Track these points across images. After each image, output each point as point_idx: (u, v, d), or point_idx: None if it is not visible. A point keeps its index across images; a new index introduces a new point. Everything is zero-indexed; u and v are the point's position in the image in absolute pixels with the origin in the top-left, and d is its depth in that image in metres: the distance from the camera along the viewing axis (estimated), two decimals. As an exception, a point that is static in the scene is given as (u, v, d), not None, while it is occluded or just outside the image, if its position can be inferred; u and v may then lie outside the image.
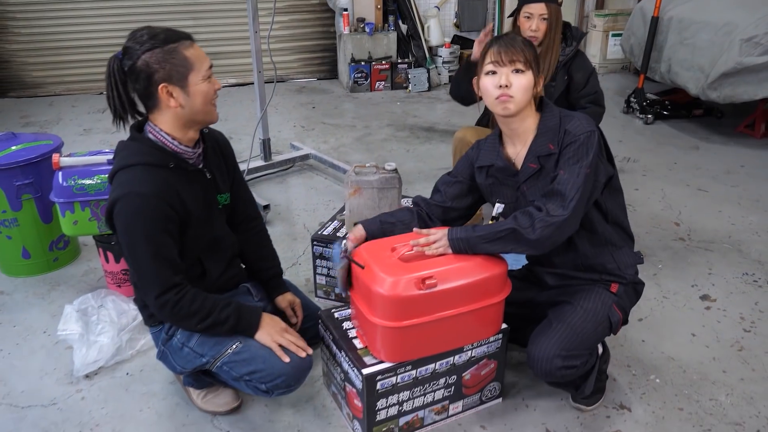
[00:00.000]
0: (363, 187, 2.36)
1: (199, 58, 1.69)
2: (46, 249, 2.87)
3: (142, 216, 1.65)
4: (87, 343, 2.24)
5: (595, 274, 1.92)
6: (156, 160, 1.71)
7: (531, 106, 1.81)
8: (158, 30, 1.66)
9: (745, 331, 2.43)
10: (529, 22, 2.72)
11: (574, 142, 1.73)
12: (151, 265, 1.67)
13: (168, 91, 1.66)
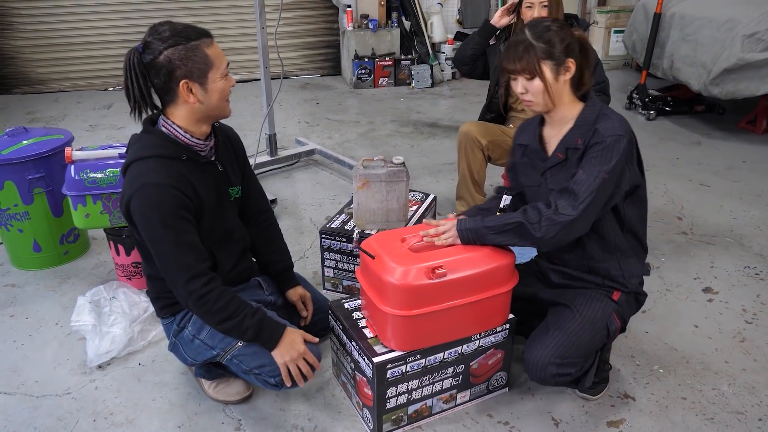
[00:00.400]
0: (371, 181, 2.39)
1: (219, 56, 1.73)
2: (56, 242, 2.91)
3: (159, 205, 1.67)
4: (100, 334, 2.28)
5: (598, 278, 1.92)
6: (169, 152, 1.74)
7: (567, 97, 1.80)
8: (180, 26, 1.69)
9: (747, 323, 2.46)
10: (531, 11, 2.80)
11: (600, 143, 1.71)
12: (175, 253, 1.68)
13: (188, 87, 1.70)
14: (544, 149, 1.89)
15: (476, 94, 5.89)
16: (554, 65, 1.74)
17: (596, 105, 1.80)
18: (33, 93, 6.15)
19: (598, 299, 1.89)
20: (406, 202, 2.46)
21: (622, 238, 1.87)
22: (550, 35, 1.73)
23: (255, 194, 2.12)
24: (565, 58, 1.74)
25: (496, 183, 3.65)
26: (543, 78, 1.73)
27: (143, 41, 1.68)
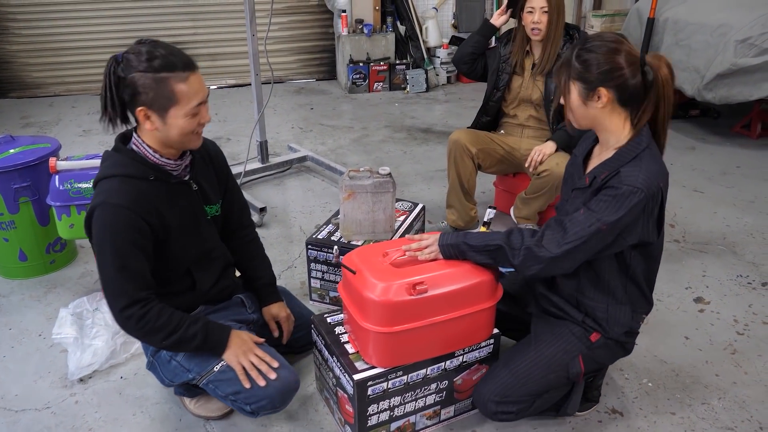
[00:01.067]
0: (357, 192, 2.36)
1: (188, 94, 1.63)
2: (42, 251, 2.89)
3: (113, 227, 1.63)
4: (81, 346, 2.25)
5: (580, 315, 1.81)
6: (135, 172, 1.70)
7: (611, 122, 1.65)
8: (159, 52, 1.61)
9: (739, 334, 2.44)
10: (531, 15, 2.79)
11: (614, 188, 1.58)
12: (117, 278, 1.64)
13: (146, 114, 1.64)
14: (585, 166, 1.79)
15: (471, 99, 5.86)
16: (584, 90, 1.62)
17: (642, 143, 1.62)
18: (28, 97, 6.14)
19: (567, 339, 1.80)
20: (393, 212, 2.44)
21: (619, 283, 1.75)
22: (589, 57, 1.59)
23: (237, 209, 2.09)
24: (598, 86, 1.59)
25: (487, 190, 3.63)
26: (568, 99, 1.66)
27: (123, 55, 1.64)
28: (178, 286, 1.86)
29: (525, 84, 2.94)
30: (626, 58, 1.58)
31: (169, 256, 1.78)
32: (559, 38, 2.84)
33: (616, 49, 1.57)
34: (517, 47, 2.93)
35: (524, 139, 3.03)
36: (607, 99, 1.60)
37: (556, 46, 2.84)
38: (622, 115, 1.65)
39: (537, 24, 2.78)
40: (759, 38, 4.01)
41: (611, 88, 1.59)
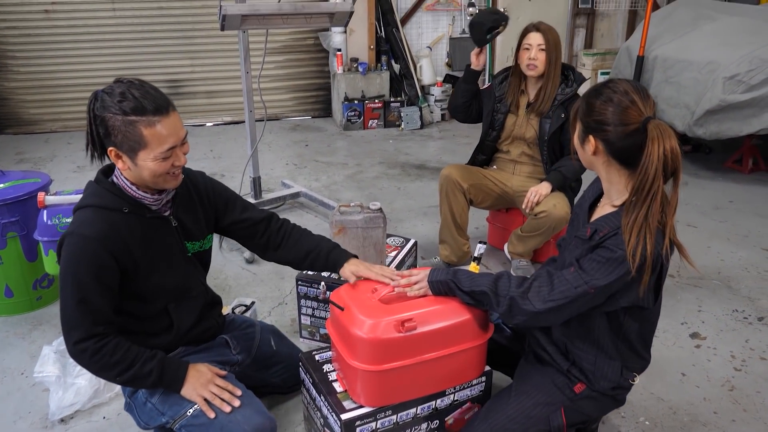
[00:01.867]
0: (347, 227, 2.35)
1: (158, 139, 1.59)
2: (29, 287, 2.85)
3: (77, 258, 1.60)
4: (64, 385, 2.19)
5: (566, 363, 1.72)
6: (110, 204, 1.67)
7: (608, 172, 1.60)
8: (131, 93, 1.58)
9: (736, 370, 2.40)
10: (528, 52, 2.81)
11: (610, 251, 1.50)
12: (75, 310, 1.61)
13: (116, 154, 1.63)
14: (590, 212, 1.73)
15: (465, 135, 5.90)
16: (582, 132, 1.59)
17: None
18: (24, 133, 6.17)
19: (548, 390, 1.71)
20: (384, 248, 2.42)
21: (609, 341, 1.66)
22: (591, 101, 1.54)
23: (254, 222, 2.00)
24: (589, 132, 1.55)
25: (481, 226, 3.62)
26: (572, 134, 1.65)
27: (101, 91, 1.62)
28: (155, 325, 1.81)
29: (519, 122, 2.95)
30: (623, 114, 1.48)
31: (142, 292, 1.74)
32: (556, 78, 2.84)
33: (618, 102, 1.49)
34: (513, 86, 2.95)
35: (516, 175, 3.03)
36: (594, 148, 1.55)
37: (554, 86, 2.84)
38: (621, 172, 1.57)
39: (533, 60, 2.79)
40: (746, 75, 4.06)
41: (599, 140, 1.54)
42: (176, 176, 1.72)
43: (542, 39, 2.78)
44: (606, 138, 1.52)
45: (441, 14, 6.53)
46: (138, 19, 6.09)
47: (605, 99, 1.51)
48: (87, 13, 5.99)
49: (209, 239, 1.96)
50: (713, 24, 4.71)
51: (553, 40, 2.80)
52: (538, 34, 2.79)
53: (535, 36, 2.79)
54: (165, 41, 6.20)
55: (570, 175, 2.80)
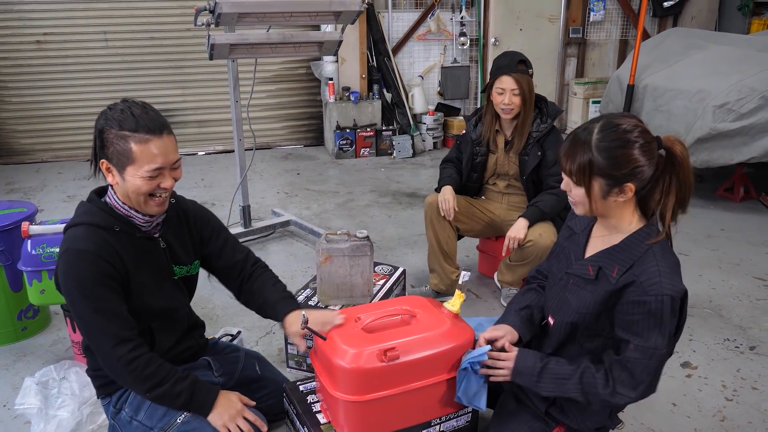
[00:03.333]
0: (334, 255, 2.33)
1: (148, 156, 1.63)
2: (14, 318, 2.81)
3: (79, 272, 1.63)
4: (45, 417, 2.15)
5: (543, 404, 1.68)
6: (101, 222, 1.70)
7: (623, 211, 1.56)
8: (131, 111, 1.65)
9: (728, 400, 2.37)
10: (502, 96, 2.76)
11: (642, 304, 1.46)
12: (95, 321, 1.63)
13: (107, 167, 1.68)
14: (585, 246, 1.67)
15: (457, 164, 5.92)
16: (607, 185, 1.50)
17: (653, 233, 1.53)
18: (15, 163, 6.15)
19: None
20: (371, 276, 2.40)
21: None
22: (617, 153, 1.47)
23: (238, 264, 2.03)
24: (625, 182, 1.49)
25: (472, 254, 3.60)
26: (589, 193, 1.53)
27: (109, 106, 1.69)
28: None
29: (500, 161, 2.95)
30: (647, 147, 1.47)
31: (130, 309, 1.74)
32: (530, 117, 2.82)
33: (638, 141, 1.47)
34: (487, 127, 2.91)
35: (504, 205, 3.02)
36: (632, 192, 1.50)
37: (528, 125, 2.82)
38: (633, 201, 1.55)
39: (508, 105, 2.75)
40: (736, 104, 4.10)
41: (637, 182, 1.50)
42: (160, 203, 1.73)
43: (515, 84, 2.72)
44: (641, 178, 1.49)
45: (432, 44, 6.60)
46: (129, 50, 6.12)
47: (624, 143, 1.46)
48: (79, 43, 6.02)
49: (196, 265, 1.97)
50: (703, 53, 4.77)
51: (526, 83, 2.74)
52: (510, 79, 2.72)
53: (508, 80, 2.73)
54: (156, 71, 6.23)
55: (548, 209, 2.77)
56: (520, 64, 2.76)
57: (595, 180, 1.50)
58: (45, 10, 5.86)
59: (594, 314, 1.57)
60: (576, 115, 6.75)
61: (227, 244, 2.03)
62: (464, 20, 6.50)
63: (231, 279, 2.05)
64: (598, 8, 6.78)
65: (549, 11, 6.72)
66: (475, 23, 6.60)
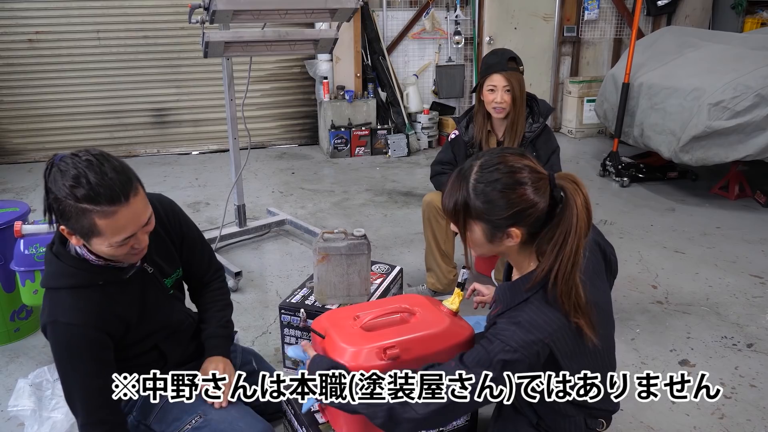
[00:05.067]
0: (331, 254, 2.31)
1: (114, 229, 1.45)
2: (7, 319, 2.78)
3: (69, 347, 1.56)
4: (39, 419, 2.12)
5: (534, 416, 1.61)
6: (83, 282, 1.57)
7: (518, 255, 1.48)
8: (87, 178, 1.40)
9: (726, 398, 2.36)
10: (493, 94, 2.73)
11: (488, 340, 1.40)
12: (79, 392, 1.59)
13: (69, 233, 1.50)
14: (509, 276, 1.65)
15: (452, 163, 5.91)
16: (490, 230, 1.40)
17: (526, 283, 1.43)
18: (7, 163, 6.09)
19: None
20: (368, 275, 2.38)
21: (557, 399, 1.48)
22: (495, 195, 1.35)
23: (202, 270, 2.00)
24: (509, 226, 1.38)
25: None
26: (468, 237, 1.44)
27: (57, 160, 1.45)
28: (146, 360, 1.79)
29: None
30: (534, 186, 1.36)
31: (134, 340, 1.71)
32: (522, 116, 2.77)
33: (522, 181, 1.35)
34: (479, 128, 2.87)
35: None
36: (519, 238, 1.40)
37: (522, 125, 2.78)
38: (530, 245, 1.44)
39: (500, 104, 2.72)
40: (731, 102, 4.10)
41: (523, 227, 1.39)
42: (139, 253, 1.59)
43: (506, 80, 2.69)
44: (530, 221, 1.38)
45: (427, 42, 6.59)
46: (123, 48, 6.08)
47: (512, 183, 1.35)
48: (71, 42, 5.97)
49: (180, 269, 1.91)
50: (697, 51, 4.78)
51: (516, 80, 2.71)
52: (501, 77, 2.70)
53: (499, 78, 2.70)
54: (150, 70, 6.19)
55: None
56: (510, 61, 2.73)
57: (474, 224, 1.41)
58: (37, 8, 5.82)
59: None
60: (571, 113, 6.75)
61: (195, 242, 1.93)
62: (459, 19, 6.49)
63: (191, 277, 1.97)
64: (592, 7, 6.78)
65: (543, 10, 6.72)
66: (469, 22, 6.59)
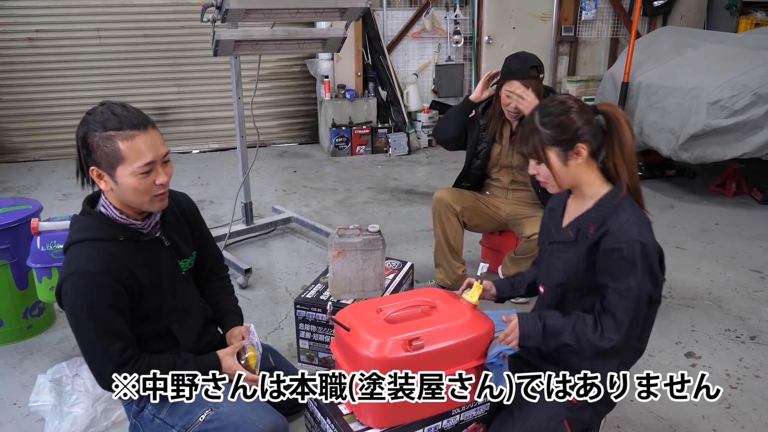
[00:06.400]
0: (347, 249, 2.35)
1: (137, 152, 1.61)
2: (20, 316, 2.79)
3: (89, 295, 1.61)
4: (60, 414, 2.15)
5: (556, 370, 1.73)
6: (104, 235, 1.67)
7: (587, 177, 1.70)
8: (112, 111, 1.62)
9: (732, 388, 2.42)
10: (509, 101, 2.77)
11: (617, 251, 1.58)
12: (100, 345, 1.62)
13: (98, 173, 1.64)
14: (562, 217, 1.82)
15: (453, 161, 5.95)
16: (561, 151, 1.66)
17: (617, 195, 1.66)
18: (7, 162, 6.09)
19: (549, 405, 1.70)
20: (383, 270, 2.42)
21: None
22: (557, 120, 1.65)
23: (211, 259, 2.08)
24: (575, 143, 1.65)
25: (474, 249, 3.64)
26: (549, 165, 1.67)
27: (87, 112, 1.65)
28: (159, 345, 1.81)
29: (504, 152, 2.97)
30: (583, 111, 1.67)
31: (147, 314, 1.74)
32: None
33: (573, 107, 1.66)
34: (495, 117, 2.93)
35: (509, 201, 3.05)
36: (586, 152, 1.65)
37: None
38: (594, 166, 1.70)
39: (514, 111, 2.78)
40: (729, 100, 4.16)
41: (586, 142, 1.65)
42: (161, 198, 1.71)
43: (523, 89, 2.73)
44: (592, 133, 1.66)
45: (427, 41, 6.64)
46: (124, 47, 6.09)
47: (563, 111, 1.65)
48: (72, 40, 5.98)
49: (194, 256, 1.98)
50: (695, 51, 4.85)
51: (535, 86, 2.74)
52: (519, 84, 2.73)
53: (517, 85, 2.73)
54: (151, 68, 6.20)
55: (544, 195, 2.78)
56: (531, 69, 2.75)
57: (549, 151, 1.66)
58: (37, 6, 5.83)
59: (579, 272, 1.70)
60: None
61: (209, 236, 2.07)
62: (458, 18, 6.54)
63: (203, 267, 2.05)
64: (589, 7, 6.85)
65: (541, 10, 6.79)
66: (468, 21, 6.65)
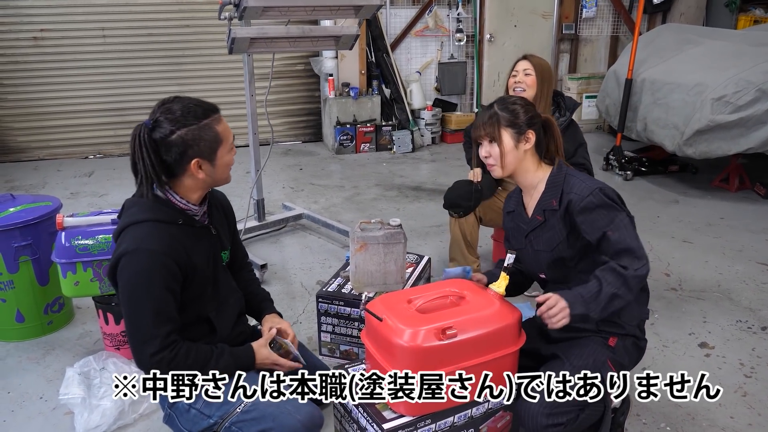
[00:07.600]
0: (369, 243, 2.38)
1: (226, 131, 1.76)
2: (41, 312, 2.82)
3: (149, 273, 1.65)
4: (89, 407, 2.18)
5: (593, 325, 1.88)
6: (165, 217, 1.73)
7: (531, 162, 1.92)
8: (191, 104, 1.70)
9: (747, 377, 2.47)
10: (515, 79, 2.86)
11: (589, 205, 1.77)
12: (151, 323, 1.65)
13: (199, 164, 1.71)
14: (525, 213, 1.99)
15: (456, 158, 6.00)
16: (515, 134, 1.88)
17: (562, 168, 1.91)
18: (12, 161, 6.09)
19: (591, 347, 1.85)
20: (404, 264, 2.46)
21: None
22: (514, 107, 1.90)
23: (241, 254, 2.15)
24: (526, 129, 1.88)
25: (485, 244, 3.68)
26: (501, 144, 1.87)
27: (153, 118, 1.68)
28: (197, 332, 1.85)
29: None
30: (533, 109, 1.93)
31: (191, 300, 1.78)
32: (548, 107, 2.87)
33: (527, 104, 1.93)
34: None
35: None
36: (533, 138, 1.89)
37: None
38: (536, 157, 1.93)
39: (519, 83, 2.82)
40: (733, 96, 4.22)
41: (535, 130, 1.89)
42: (228, 170, 1.84)
43: (528, 64, 2.83)
44: (538, 127, 1.91)
45: (430, 39, 6.67)
46: (128, 46, 6.10)
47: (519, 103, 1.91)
48: (76, 39, 5.99)
49: (229, 250, 2.03)
50: (698, 48, 4.90)
51: (540, 66, 2.83)
52: (524, 61, 2.85)
53: (522, 63, 2.85)
54: (155, 67, 6.21)
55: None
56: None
57: (504, 132, 1.87)
58: (41, 5, 5.83)
59: (563, 241, 1.87)
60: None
61: (238, 233, 2.14)
62: (461, 17, 6.58)
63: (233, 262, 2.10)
64: (590, 5, 6.90)
65: (543, 8, 6.83)
66: (471, 20, 6.69)
